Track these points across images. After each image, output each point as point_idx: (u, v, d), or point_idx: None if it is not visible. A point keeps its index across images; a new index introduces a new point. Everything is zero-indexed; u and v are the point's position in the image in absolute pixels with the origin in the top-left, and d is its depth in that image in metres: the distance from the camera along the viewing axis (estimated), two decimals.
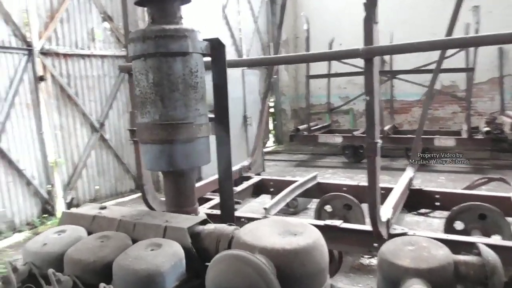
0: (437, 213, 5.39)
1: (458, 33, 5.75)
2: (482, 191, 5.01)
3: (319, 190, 5.55)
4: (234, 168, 6.21)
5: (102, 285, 1.50)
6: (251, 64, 5.58)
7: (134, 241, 1.87)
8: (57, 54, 6.93)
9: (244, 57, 11.05)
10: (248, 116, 8.61)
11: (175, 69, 2.05)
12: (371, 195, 3.65)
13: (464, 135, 9.13)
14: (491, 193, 4.77)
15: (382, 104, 10.06)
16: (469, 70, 9.26)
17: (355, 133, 10.12)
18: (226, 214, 2.34)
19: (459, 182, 7.32)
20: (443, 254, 2.02)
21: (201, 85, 2.17)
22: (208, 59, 2.27)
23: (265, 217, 4.35)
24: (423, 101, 5.99)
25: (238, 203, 5.47)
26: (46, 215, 6.52)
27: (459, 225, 4.36)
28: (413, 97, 11.68)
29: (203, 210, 4.41)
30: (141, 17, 6.53)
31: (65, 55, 7.04)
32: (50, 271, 1.61)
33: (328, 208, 5.02)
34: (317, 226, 4.08)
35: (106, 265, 1.70)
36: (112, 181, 7.75)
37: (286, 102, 13.84)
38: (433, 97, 5.70)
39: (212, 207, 4.78)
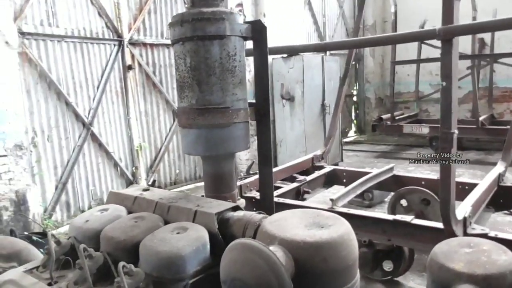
0: None
1: None
2: None
3: (395, 183, 5.23)
4: (306, 157, 6.10)
5: (121, 263, 1.55)
6: (304, 50, 5.38)
7: (167, 223, 1.91)
8: (144, 44, 7.35)
9: None
10: (326, 104, 8.37)
11: (212, 52, 2.03)
12: (444, 190, 3.34)
13: None
14: None
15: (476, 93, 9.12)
16: None
17: None
18: (264, 201, 2.28)
19: None
20: (505, 260, 1.76)
21: (240, 69, 2.12)
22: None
23: (331, 208, 4.21)
24: None
25: (307, 192, 5.38)
26: None
27: None
28: None
29: None
30: None
31: (151, 45, 7.45)
32: (81, 246, 1.70)
33: (403, 202, 4.73)
34: (385, 220, 3.90)
35: (135, 245, 1.75)
36: (191, 165, 8.11)
37: (371, 90, 13.17)
38: None
39: (279, 196, 4.74)
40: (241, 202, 2.14)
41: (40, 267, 1.89)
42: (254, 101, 2.25)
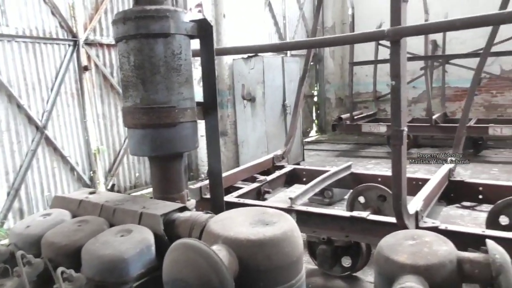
0: (485, 206, 5.00)
1: None
2: None
3: (353, 181, 5.32)
4: (267, 157, 6.12)
5: (60, 269, 1.50)
6: (260, 50, 5.40)
7: (113, 226, 1.86)
8: (100, 45, 7.16)
9: None
10: (287, 105, 8.44)
11: (157, 51, 1.99)
12: (396, 186, 3.43)
13: None
14: None
15: (430, 92, 9.46)
16: None
17: None
18: (214, 201, 2.26)
19: None
20: (445, 251, 1.83)
21: (186, 67, 2.09)
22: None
23: (290, 207, 4.24)
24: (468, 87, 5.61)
25: (268, 192, 5.39)
26: None
27: (505, 220, 4.00)
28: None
29: (230, 199, 4.36)
30: None
31: (108, 46, 7.26)
32: (19, 253, 1.63)
33: (361, 199, 4.83)
34: (343, 217, 3.96)
35: (77, 249, 1.69)
36: None
37: (331, 90, 13.42)
38: (480, 82, 5.23)
39: (239, 196, 4.72)
40: (191, 203, 2.12)
41: None
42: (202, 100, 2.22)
